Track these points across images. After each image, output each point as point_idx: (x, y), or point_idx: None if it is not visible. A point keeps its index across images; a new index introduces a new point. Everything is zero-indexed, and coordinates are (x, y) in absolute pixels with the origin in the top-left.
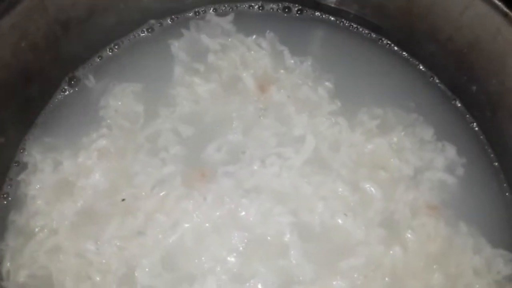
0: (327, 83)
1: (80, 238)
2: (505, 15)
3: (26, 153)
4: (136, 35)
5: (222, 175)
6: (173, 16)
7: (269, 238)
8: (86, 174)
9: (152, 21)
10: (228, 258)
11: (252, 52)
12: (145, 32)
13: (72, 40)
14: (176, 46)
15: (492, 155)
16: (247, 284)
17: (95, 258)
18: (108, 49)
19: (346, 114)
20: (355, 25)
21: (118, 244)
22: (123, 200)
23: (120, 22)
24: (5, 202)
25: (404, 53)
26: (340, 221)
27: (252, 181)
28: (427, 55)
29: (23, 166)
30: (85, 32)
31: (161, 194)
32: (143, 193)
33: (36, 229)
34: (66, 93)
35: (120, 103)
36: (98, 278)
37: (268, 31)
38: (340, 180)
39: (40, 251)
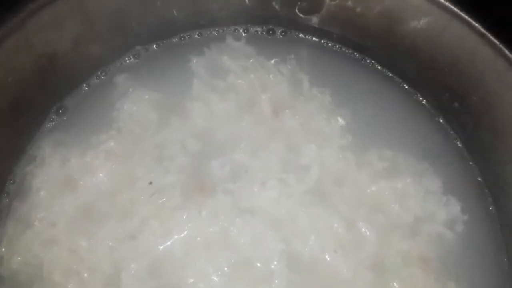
0: (341, 117)
1: (76, 234)
2: (482, 35)
3: (36, 146)
4: (123, 61)
5: (221, 191)
6: (158, 42)
7: (256, 262)
8: (91, 173)
9: (138, 47)
10: (212, 276)
11: (271, 76)
12: (132, 58)
13: (59, 71)
14: (195, 63)
15: (498, 226)
16: None
17: (86, 255)
18: (95, 77)
19: (356, 150)
20: (338, 45)
21: (110, 244)
22: (150, 183)
23: (106, 50)
24: (10, 190)
25: (388, 72)
26: (328, 257)
27: (250, 202)
28: (409, 73)
29: (32, 158)
30: (72, 62)
31: (159, 201)
32: (142, 198)
33: (36, 220)
34: (54, 123)
35: (135, 108)
36: (86, 275)
37: (290, 57)
38: (337, 216)
39: (36, 241)
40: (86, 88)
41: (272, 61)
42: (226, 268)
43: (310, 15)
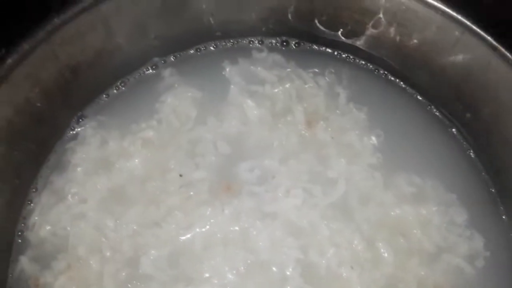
0: (374, 136)
1: (104, 213)
2: (495, 49)
3: (80, 126)
4: (141, 72)
5: (246, 193)
6: (175, 54)
7: (271, 266)
8: (126, 157)
9: (156, 59)
10: (227, 274)
11: (308, 87)
12: (150, 70)
13: (81, 82)
14: (228, 71)
15: None
16: None
17: (111, 234)
18: (114, 87)
19: (385, 171)
20: (352, 56)
21: (134, 228)
22: (180, 175)
23: (125, 62)
24: (50, 164)
25: (401, 83)
26: (344, 273)
27: (273, 207)
28: (422, 85)
29: (75, 136)
30: (93, 74)
31: (186, 194)
32: (171, 189)
33: (69, 194)
34: (74, 132)
35: (177, 103)
36: (108, 254)
37: (329, 70)
38: (358, 233)
39: (66, 214)
40: (106, 98)
41: (310, 73)
42: (241, 268)
43: (352, 38)
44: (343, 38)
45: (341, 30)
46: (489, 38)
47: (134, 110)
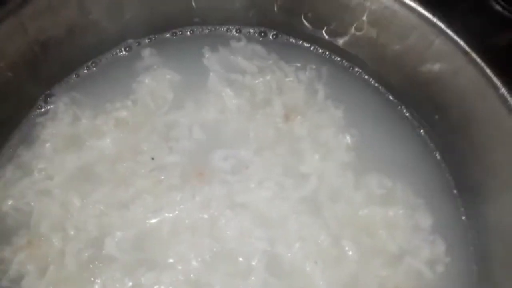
0: (349, 135)
1: (70, 191)
2: (466, 53)
3: (50, 104)
4: (114, 53)
5: (219, 181)
6: (151, 36)
7: (237, 256)
8: (98, 136)
9: (130, 41)
10: (192, 261)
11: (288, 81)
12: (123, 51)
13: (50, 59)
14: (207, 58)
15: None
16: None
17: (76, 213)
18: (85, 67)
19: (357, 171)
20: (328, 52)
21: (101, 208)
22: (152, 158)
23: (98, 42)
24: (15, 137)
25: (375, 82)
26: (308, 267)
27: (243, 197)
28: (395, 85)
29: (41, 114)
30: (64, 51)
31: (157, 178)
32: (142, 171)
33: (35, 170)
34: (42, 110)
35: (155, 84)
36: (72, 232)
37: (310, 66)
38: (325, 230)
39: (31, 190)
40: (76, 77)
41: (292, 66)
42: (207, 256)
43: (334, 37)
44: (326, 36)
45: (325, 28)
46: (461, 42)
47: (109, 89)
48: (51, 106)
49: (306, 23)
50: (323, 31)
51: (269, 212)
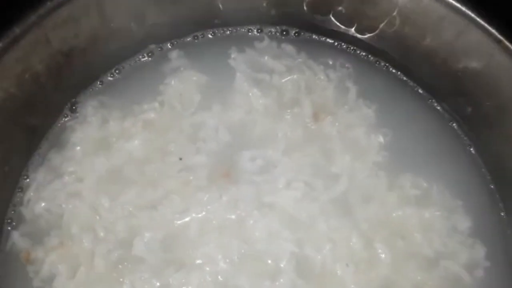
0: (382, 134)
1: (100, 193)
2: (499, 41)
3: (82, 102)
4: (137, 59)
5: (246, 181)
6: (173, 41)
7: (265, 257)
8: (126, 138)
9: (152, 46)
10: (220, 262)
11: (317, 79)
12: (146, 57)
13: (74, 68)
14: (233, 58)
15: None
16: None
17: (105, 214)
18: (109, 74)
19: (390, 171)
20: (352, 47)
21: (130, 209)
22: (180, 159)
23: (121, 48)
24: (47, 140)
25: (402, 75)
26: (339, 270)
27: (271, 197)
28: (424, 77)
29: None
30: (87, 59)
31: (185, 178)
32: (171, 172)
33: (66, 173)
34: (67, 118)
35: (182, 86)
36: (101, 234)
37: (339, 63)
38: (357, 232)
39: (62, 192)
40: (100, 84)
41: (321, 65)
42: (235, 257)
43: (365, 33)
44: (356, 33)
45: (355, 25)
46: (493, 30)
47: (137, 91)
48: (80, 111)
49: (334, 20)
50: (353, 29)
51: (298, 213)
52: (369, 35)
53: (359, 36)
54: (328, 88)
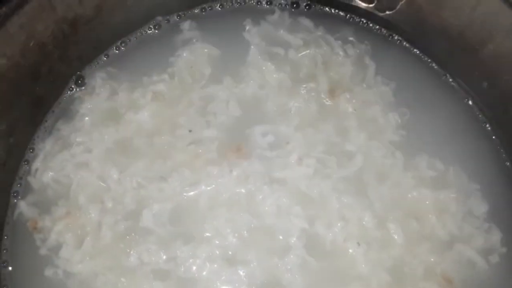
0: (399, 114)
1: (109, 164)
2: None
3: (89, 75)
4: (143, 32)
5: (257, 156)
6: (180, 13)
7: (275, 233)
8: (135, 110)
9: (159, 18)
10: (229, 236)
11: (335, 55)
12: (152, 29)
13: (79, 39)
14: (247, 31)
15: None
16: (233, 269)
17: (114, 186)
18: (114, 47)
19: (406, 151)
20: (365, 21)
21: (139, 181)
22: (190, 131)
23: (126, 20)
24: (54, 111)
25: (416, 50)
26: (350, 249)
27: (282, 173)
28: (438, 52)
29: (83, 85)
30: (92, 30)
31: (195, 152)
32: (180, 145)
33: (74, 143)
34: (74, 92)
35: (193, 58)
36: (109, 205)
37: (362, 41)
38: (370, 211)
39: (70, 162)
40: (106, 58)
41: (339, 41)
42: (244, 231)
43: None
44: (375, 11)
45: (376, 2)
46: None
47: (147, 62)
48: (88, 82)
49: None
50: (373, 5)
51: (309, 190)
52: (388, 12)
53: (378, 13)
54: (346, 64)
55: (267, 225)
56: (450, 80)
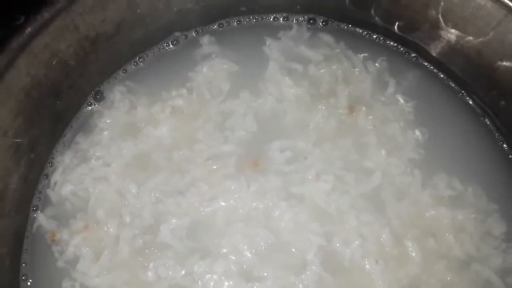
0: (419, 131)
1: (127, 178)
2: None
3: (107, 90)
4: (161, 47)
5: (275, 171)
6: (197, 28)
7: (292, 250)
8: (154, 124)
9: (177, 34)
10: (246, 252)
11: (356, 71)
12: (170, 45)
13: (99, 55)
14: (269, 46)
15: None
16: (250, 284)
17: (132, 200)
18: (133, 63)
19: (425, 169)
20: (381, 37)
21: (157, 195)
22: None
23: (145, 36)
24: (73, 126)
25: (432, 67)
26: (368, 265)
27: (300, 189)
28: (456, 69)
29: (101, 100)
30: (112, 47)
31: (213, 167)
32: (198, 160)
33: (93, 157)
34: (93, 107)
35: (212, 74)
36: (127, 219)
37: (381, 58)
38: (388, 229)
39: (89, 176)
40: (123, 73)
41: (360, 56)
42: (261, 247)
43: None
44: (396, 31)
45: (397, 23)
46: None
47: (164, 78)
48: (107, 96)
49: (375, 17)
50: (395, 27)
51: (327, 206)
52: (408, 33)
53: (397, 32)
54: (366, 80)
55: (284, 242)
56: (467, 98)
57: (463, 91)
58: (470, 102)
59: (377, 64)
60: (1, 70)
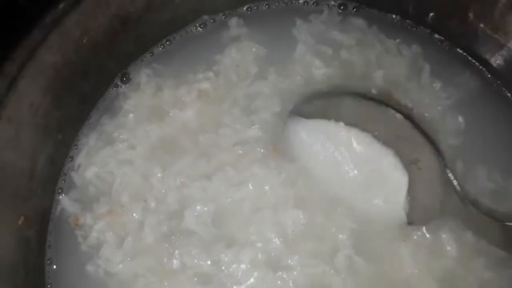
0: (455, 118)
1: (152, 162)
2: None
3: (134, 72)
4: (189, 30)
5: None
6: (226, 12)
7: (322, 237)
8: (180, 107)
9: (205, 17)
10: (274, 240)
11: (390, 56)
12: (198, 28)
13: (128, 36)
14: (299, 29)
15: None
16: (278, 274)
17: (157, 184)
18: (160, 46)
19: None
20: (414, 24)
21: (182, 180)
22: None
23: (173, 18)
24: (99, 108)
25: (468, 56)
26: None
27: None
28: (490, 59)
29: (128, 82)
30: (141, 28)
31: (240, 152)
32: (224, 144)
33: (118, 139)
34: (119, 88)
35: (239, 57)
36: (152, 204)
37: (414, 44)
38: None
39: (114, 158)
40: (150, 56)
41: (393, 41)
42: (290, 235)
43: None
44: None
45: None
46: None
47: (190, 61)
48: (133, 78)
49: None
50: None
51: None
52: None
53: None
54: (401, 65)
55: (315, 228)
56: (503, 89)
57: (497, 82)
58: (509, 95)
59: (412, 48)
60: (35, 45)
